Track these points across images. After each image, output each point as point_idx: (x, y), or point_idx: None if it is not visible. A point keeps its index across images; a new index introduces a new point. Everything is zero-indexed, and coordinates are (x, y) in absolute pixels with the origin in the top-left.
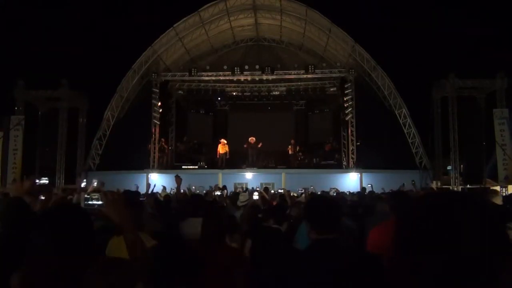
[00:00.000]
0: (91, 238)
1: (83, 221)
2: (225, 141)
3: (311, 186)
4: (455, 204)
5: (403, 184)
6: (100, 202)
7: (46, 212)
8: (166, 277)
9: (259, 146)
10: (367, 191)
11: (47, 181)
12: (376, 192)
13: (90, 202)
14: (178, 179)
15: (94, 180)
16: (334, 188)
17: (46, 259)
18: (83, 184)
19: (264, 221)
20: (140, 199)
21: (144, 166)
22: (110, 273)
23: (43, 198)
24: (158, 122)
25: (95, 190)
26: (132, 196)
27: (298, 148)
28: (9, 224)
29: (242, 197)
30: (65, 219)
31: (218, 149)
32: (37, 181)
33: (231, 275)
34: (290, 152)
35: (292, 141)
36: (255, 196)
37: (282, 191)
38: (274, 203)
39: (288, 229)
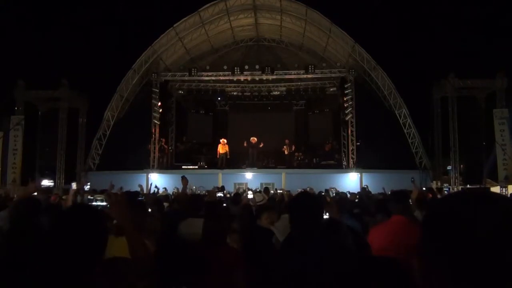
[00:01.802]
0: (104, 240)
1: (98, 222)
2: (225, 141)
3: (310, 186)
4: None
5: (383, 188)
6: (104, 203)
7: (62, 212)
8: (166, 277)
9: (261, 146)
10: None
11: (52, 183)
12: (373, 192)
13: (94, 203)
14: (184, 181)
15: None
16: (333, 188)
17: (54, 258)
18: (87, 187)
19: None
20: (139, 198)
21: (144, 166)
22: (113, 272)
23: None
24: (158, 122)
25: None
26: (133, 197)
27: (293, 148)
28: (18, 222)
29: (257, 197)
30: (83, 219)
31: (218, 149)
32: (42, 183)
33: (231, 275)
34: (285, 152)
35: (287, 141)
36: (250, 195)
37: (281, 191)
38: None
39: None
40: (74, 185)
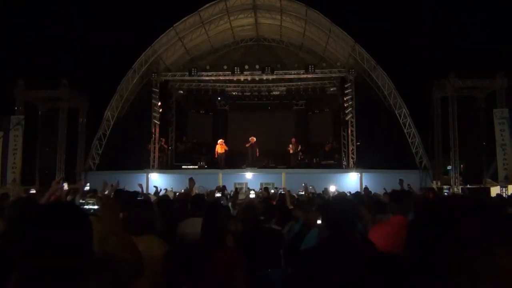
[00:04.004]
0: (89, 238)
1: (80, 220)
2: (223, 141)
3: (311, 186)
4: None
5: (384, 189)
6: (95, 207)
7: (42, 209)
8: (166, 277)
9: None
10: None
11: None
12: (373, 192)
13: (86, 207)
14: (191, 182)
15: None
16: (332, 186)
17: (41, 257)
18: (87, 188)
19: (265, 222)
20: (138, 198)
21: (144, 166)
22: (104, 272)
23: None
24: (158, 122)
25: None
26: (132, 197)
27: (299, 147)
28: (14, 224)
29: (240, 195)
30: (63, 216)
31: (216, 149)
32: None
33: (231, 275)
34: (290, 151)
35: (293, 140)
36: (252, 195)
37: (282, 190)
38: (274, 202)
39: (296, 234)
40: (66, 185)
